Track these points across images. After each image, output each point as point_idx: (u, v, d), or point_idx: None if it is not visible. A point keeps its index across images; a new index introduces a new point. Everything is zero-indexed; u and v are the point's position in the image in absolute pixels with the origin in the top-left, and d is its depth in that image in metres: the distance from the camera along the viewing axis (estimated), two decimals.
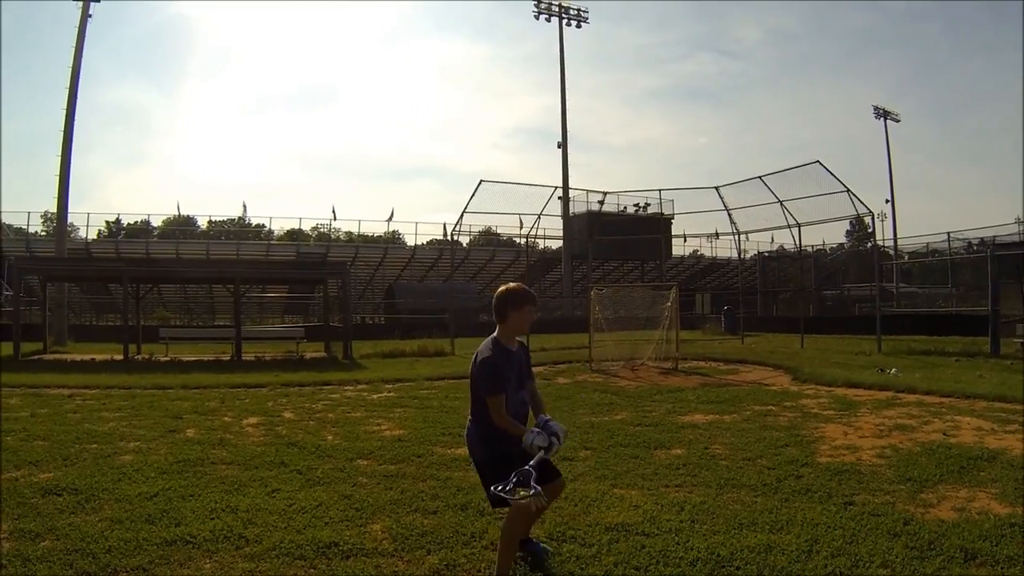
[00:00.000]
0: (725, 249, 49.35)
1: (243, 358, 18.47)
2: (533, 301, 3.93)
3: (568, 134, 42.65)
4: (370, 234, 49.79)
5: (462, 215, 23.17)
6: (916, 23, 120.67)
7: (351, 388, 12.32)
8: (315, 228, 54.32)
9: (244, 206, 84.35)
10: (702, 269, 54.17)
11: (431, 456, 6.78)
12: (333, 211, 77.46)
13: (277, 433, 7.95)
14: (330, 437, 7.72)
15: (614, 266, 48.88)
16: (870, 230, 39.46)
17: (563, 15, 42.62)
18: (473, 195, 22.61)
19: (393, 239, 51.08)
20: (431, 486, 5.67)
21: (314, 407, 10.01)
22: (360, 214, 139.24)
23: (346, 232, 53.62)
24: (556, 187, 25.02)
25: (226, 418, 9.00)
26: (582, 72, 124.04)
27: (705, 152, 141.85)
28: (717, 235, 36.77)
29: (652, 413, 9.36)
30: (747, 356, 17.65)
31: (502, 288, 3.98)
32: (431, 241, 50.57)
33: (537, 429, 3.66)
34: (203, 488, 5.55)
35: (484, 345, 3.88)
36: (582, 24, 43.32)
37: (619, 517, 4.75)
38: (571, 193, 39.73)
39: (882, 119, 55.74)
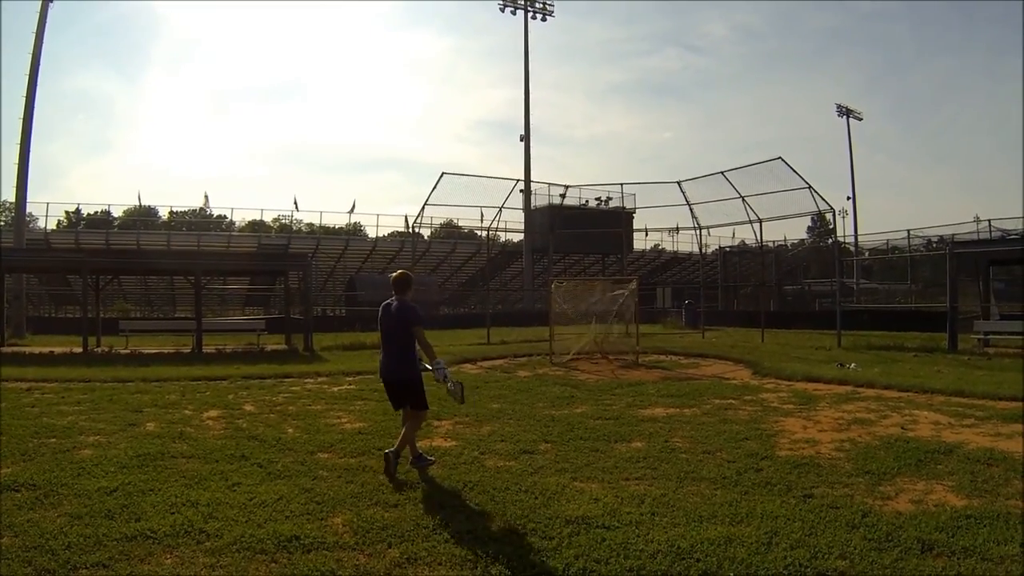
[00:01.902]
0: (687, 243, 50.17)
1: (204, 350, 18.18)
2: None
3: (531, 127, 42.69)
4: (332, 226, 49.37)
5: (423, 207, 22.98)
6: (882, 23, 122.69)
7: (311, 381, 12.18)
8: (277, 220, 53.56)
9: (206, 197, 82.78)
10: (663, 263, 54.56)
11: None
12: (295, 202, 76.43)
13: (238, 426, 7.85)
14: (291, 430, 7.64)
15: (575, 259, 48.91)
16: (831, 226, 40.40)
17: (528, 8, 42.59)
18: (435, 187, 22.44)
19: (355, 231, 50.73)
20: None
21: (275, 400, 9.91)
22: (322, 206, 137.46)
23: (307, 224, 53.23)
24: (518, 180, 24.91)
25: (186, 411, 8.85)
26: (547, 66, 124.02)
27: (668, 147, 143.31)
28: (678, 230, 37.27)
29: (612, 407, 9.40)
30: (707, 350, 17.87)
31: (405, 272, 6.28)
32: (392, 233, 50.03)
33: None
34: (163, 482, 5.43)
35: (401, 301, 6.03)
36: (547, 18, 43.35)
37: (579, 510, 4.77)
38: (533, 186, 39.73)
39: (845, 117, 56.68)
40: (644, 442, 7.11)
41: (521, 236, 41.61)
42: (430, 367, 5.90)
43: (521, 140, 42.18)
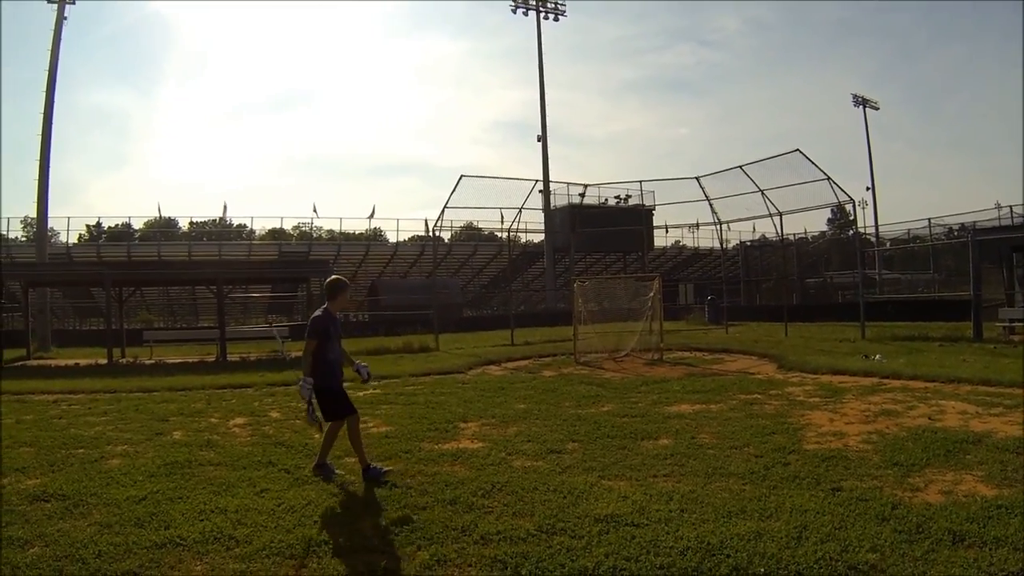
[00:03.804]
0: (707, 239, 49.93)
1: (228, 359, 18.33)
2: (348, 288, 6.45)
3: (548, 128, 42.75)
4: (352, 232, 49.66)
5: (443, 211, 23.02)
6: (892, 13, 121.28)
7: None
8: (297, 227, 53.98)
9: (225, 207, 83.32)
10: (684, 260, 54.34)
11: (419, 452, 6.79)
12: (314, 209, 76.73)
13: (264, 433, 7.90)
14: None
15: (596, 258, 48.87)
16: (851, 218, 40.09)
17: (540, 8, 42.73)
18: (454, 190, 22.45)
19: (375, 236, 50.94)
20: (419, 481, 5.66)
21: (300, 406, 9.85)
22: (341, 212, 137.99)
23: (328, 230, 53.51)
24: (536, 180, 24.83)
25: (212, 419, 8.93)
26: (560, 65, 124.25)
27: (685, 143, 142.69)
28: (698, 225, 36.99)
29: (638, 404, 9.38)
30: (732, 345, 17.76)
31: (338, 278, 6.37)
32: (413, 237, 50.25)
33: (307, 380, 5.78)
34: (192, 490, 5.49)
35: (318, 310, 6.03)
36: (560, 17, 43.38)
37: (608, 508, 4.75)
38: (552, 186, 39.77)
39: (861, 107, 56.04)
40: (671, 439, 7.07)
41: (541, 236, 41.59)
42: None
43: (539, 140, 42.19)
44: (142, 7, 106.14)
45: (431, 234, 27.51)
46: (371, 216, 48.37)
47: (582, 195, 38.80)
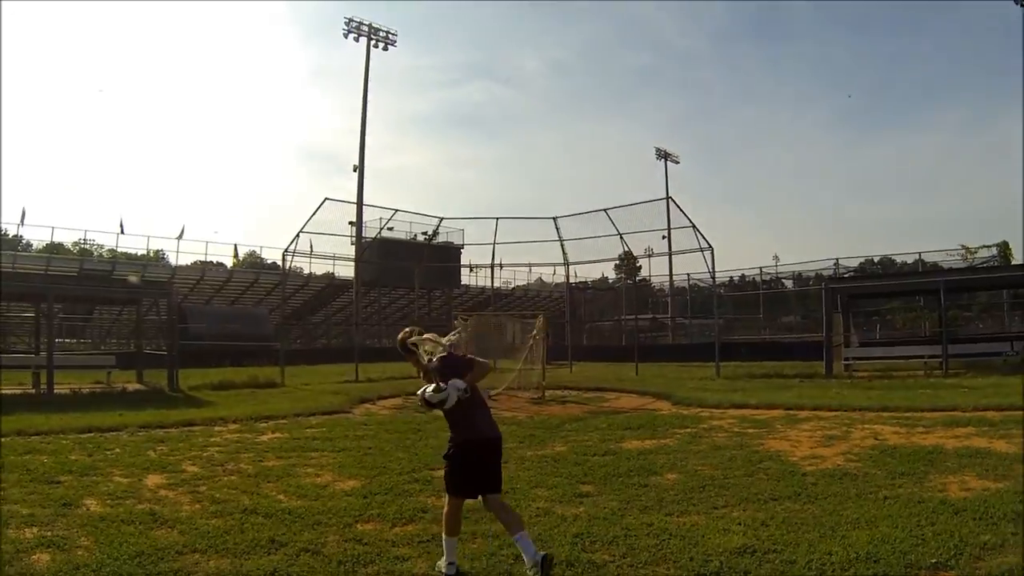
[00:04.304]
0: (514, 279, 52.65)
1: (56, 391, 17.12)
2: None
3: (334, 155, 43.14)
4: (133, 252, 46.28)
5: (297, 235, 22.71)
6: (694, 70, 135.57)
7: (222, 428, 11.79)
8: (76, 243, 48.93)
9: (23, 213, 71.93)
10: (486, 299, 56.37)
11: (436, 510, 6.23)
12: (121, 225, 68.19)
13: (210, 497, 7.02)
14: (282, 497, 7.04)
15: (400, 293, 49.59)
16: (638, 266, 44.82)
17: (372, 36, 44.75)
18: (315, 213, 22.15)
19: (156, 259, 47.91)
20: (474, 548, 5.31)
21: (212, 456, 9.22)
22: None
23: (109, 249, 49.19)
24: (325, 199, 25.06)
25: (119, 479, 7.76)
26: (352, 93, 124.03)
27: (473, 182, 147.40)
28: (502, 265, 39.23)
29: (586, 443, 9.92)
30: (599, 384, 19.27)
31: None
32: (196, 262, 48.02)
33: None
34: None
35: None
36: (389, 47, 45.70)
37: (736, 541, 5.16)
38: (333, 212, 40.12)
39: (663, 160, 62.04)
40: (675, 474, 7.72)
41: (334, 268, 41.91)
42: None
43: (355, 170, 42.75)
44: None
45: (283, 259, 26.77)
46: (180, 237, 44.84)
47: (391, 228, 39.11)
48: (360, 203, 38.57)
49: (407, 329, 5.30)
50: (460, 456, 4.97)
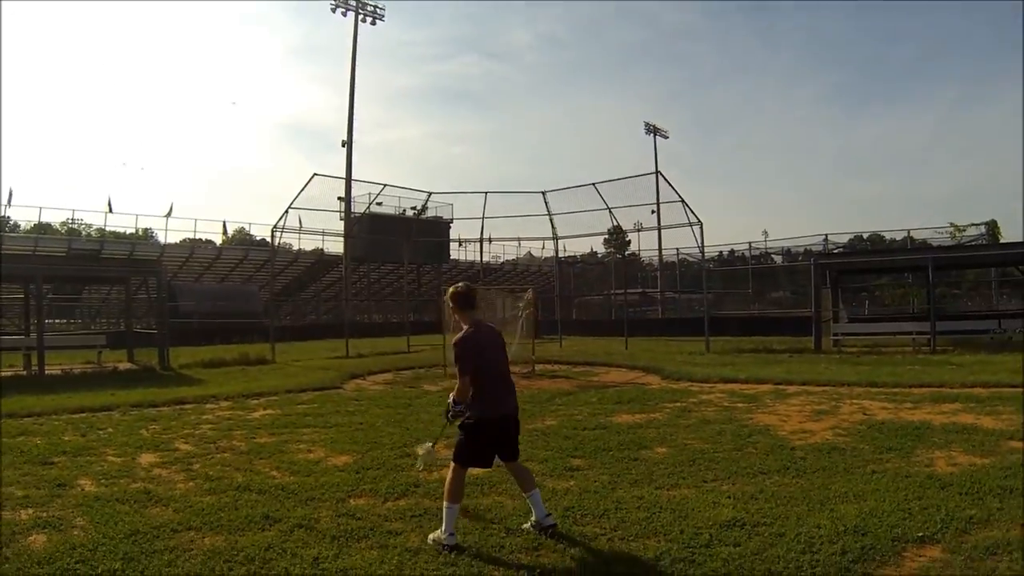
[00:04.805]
0: (503, 253, 52.70)
1: (47, 372, 16.92)
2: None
3: (322, 132, 42.93)
4: (122, 231, 45.99)
5: (287, 211, 22.51)
6: (687, 42, 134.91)
7: (214, 406, 11.73)
8: (64, 223, 48.62)
9: (10, 193, 70.58)
10: (474, 273, 56.40)
11: (429, 483, 6.41)
12: (109, 204, 67.43)
13: (204, 474, 6.97)
14: (275, 473, 7.01)
15: (389, 268, 49.56)
16: (628, 240, 44.94)
17: (360, 11, 44.56)
18: (303, 189, 21.94)
19: (145, 237, 47.63)
20: (466, 523, 5.23)
21: (204, 434, 9.22)
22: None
23: (97, 228, 49.09)
24: (313, 175, 24.77)
25: (112, 458, 7.74)
26: (342, 66, 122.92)
27: (462, 156, 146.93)
28: (491, 240, 39.17)
29: (577, 417, 9.93)
30: (589, 358, 19.35)
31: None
32: (185, 240, 47.78)
33: None
34: None
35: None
36: (377, 21, 45.56)
37: (726, 514, 5.18)
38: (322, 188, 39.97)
39: (652, 135, 61.75)
40: (665, 447, 7.73)
41: (323, 243, 41.84)
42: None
43: (343, 146, 42.59)
44: None
45: (272, 236, 26.63)
46: (168, 215, 44.44)
47: (380, 203, 38.96)
48: (348, 178, 38.31)
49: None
50: (474, 431, 4.99)
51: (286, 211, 24.00)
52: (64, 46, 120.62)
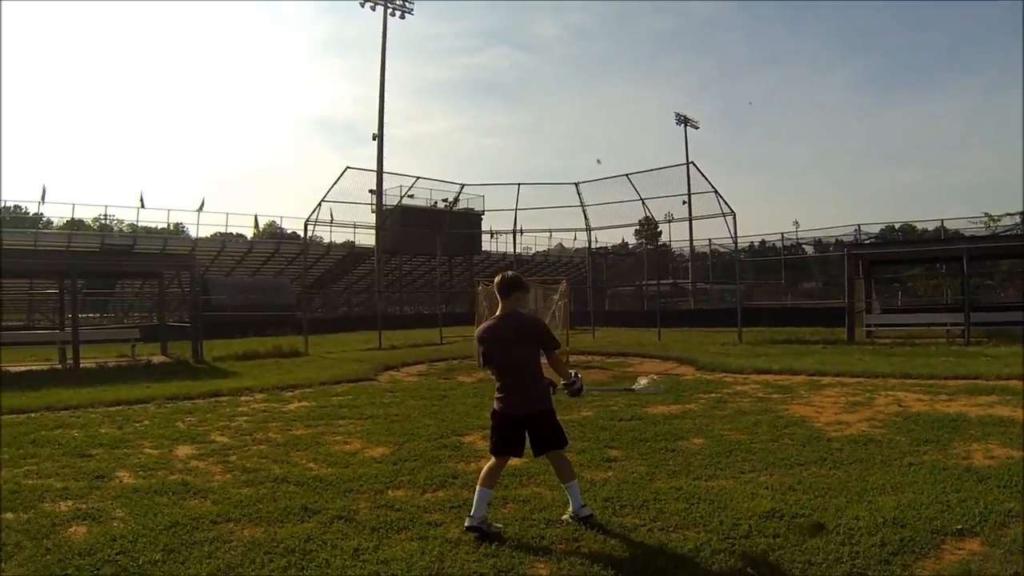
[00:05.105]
0: (535, 245, 52.80)
1: (82, 366, 17.14)
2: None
3: (352, 125, 43.22)
4: (154, 226, 46.79)
5: (320, 204, 22.79)
6: (716, 32, 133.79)
7: (249, 398, 11.83)
8: (96, 219, 49.43)
9: (44, 190, 72.11)
10: (506, 264, 56.49)
11: (467, 476, 6.45)
12: (141, 199, 68.68)
13: (241, 466, 7.02)
14: (312, 465, 7.06)
15: (421, 261, 49.86)
16: (658, 231, 44.73)
17: (388, 5, 44.64)
18: (336, 182, 22.18)
19: (176, 232, 48.36)
20: (512, 511, 5.38)
21: (240, 426, 9.29)
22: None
23: (129, 224, 50.07)
24: (347, 168, 24.97)
25: (148, 450, 7.83)
26: (372, 61, 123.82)
27: (496, 148, 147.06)
28: (522, 231, 39.38)
29: (612, 408, 10.03)
30: (623, 349, 19.38)
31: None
32: (216, 234, 48.47)
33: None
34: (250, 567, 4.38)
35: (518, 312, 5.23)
36: (406, 15, 45.50)
37: (765, 504, 5.25)
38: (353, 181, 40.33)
39: (683, 125, 61.44)
40: (701, 438, 7.82)
41: (354, 236, 42.20)
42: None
43: (374, 139, 43.20)
44: None
45: (305, 229, 26.77)
46: (200, 209, 45.07)
47: (411, 196, 39.20)
48: (380, 171, 38.67)
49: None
50: (498, 422, 5.10)
51: (319, 204, 24.24)
52: (98, 44, 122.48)
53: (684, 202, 28.34)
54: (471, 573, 4.19)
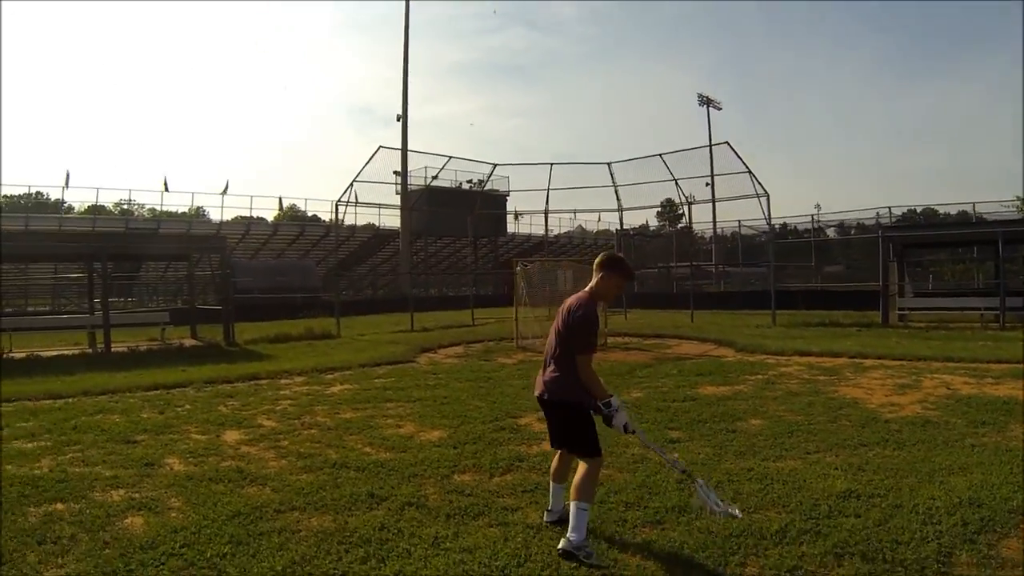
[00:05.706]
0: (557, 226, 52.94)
1: (113, 350, 17.04)
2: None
3: (371, 107, 43.20)
4: (175, 210, 47.23)
5: (352, 184, 22.92)
6: (733, 11, 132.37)
7: (288, 381, 11.71)
8: (117, 203, 49.89)
9: (67, 176, 73.46)
10: (533, 246, 56.58)
11: (527, 455, 6.50)
12: (164, 183, 69.64)
13: (296, 451, 6.87)
14: (369, 449, 6.96)
15: (447, 242, 50.07)
16: (681, 212, 44.56)
17: None
18: (368, 162, 22.52)
19: (198, 215, 48.77)
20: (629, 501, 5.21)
21: (286, 410, 9.16)
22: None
23: (150, 208, 50.70)
24: (379, 147, 24.83)
25: (196, 436, 7.66)
26: (392, 43, 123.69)
27: (518, 129, 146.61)
28: (549, 212, 39.43)
29: (663, 389, 10.17)
30: (659, 331, 19.67)
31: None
32: (236, 218, 48.95)
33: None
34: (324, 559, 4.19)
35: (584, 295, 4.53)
36: None
37: (840, 485, 5.35)
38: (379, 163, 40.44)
39: (705, 106, 61.04)
40: (760, 420, 7.96)
41: (379, 217, 42.58)
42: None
43: (398, 120, 43.37)
44: None
45: (335, 209, 26.81)
46: (224, 192, 45.35)
47: (435, 177, 39.28)
48: (404, 152, 38.67)
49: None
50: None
51: (351, 184, 24.03)
52: (120, 29, 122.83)
53: (707, 184, 28.35)
54: (557, 560, 4.09)
